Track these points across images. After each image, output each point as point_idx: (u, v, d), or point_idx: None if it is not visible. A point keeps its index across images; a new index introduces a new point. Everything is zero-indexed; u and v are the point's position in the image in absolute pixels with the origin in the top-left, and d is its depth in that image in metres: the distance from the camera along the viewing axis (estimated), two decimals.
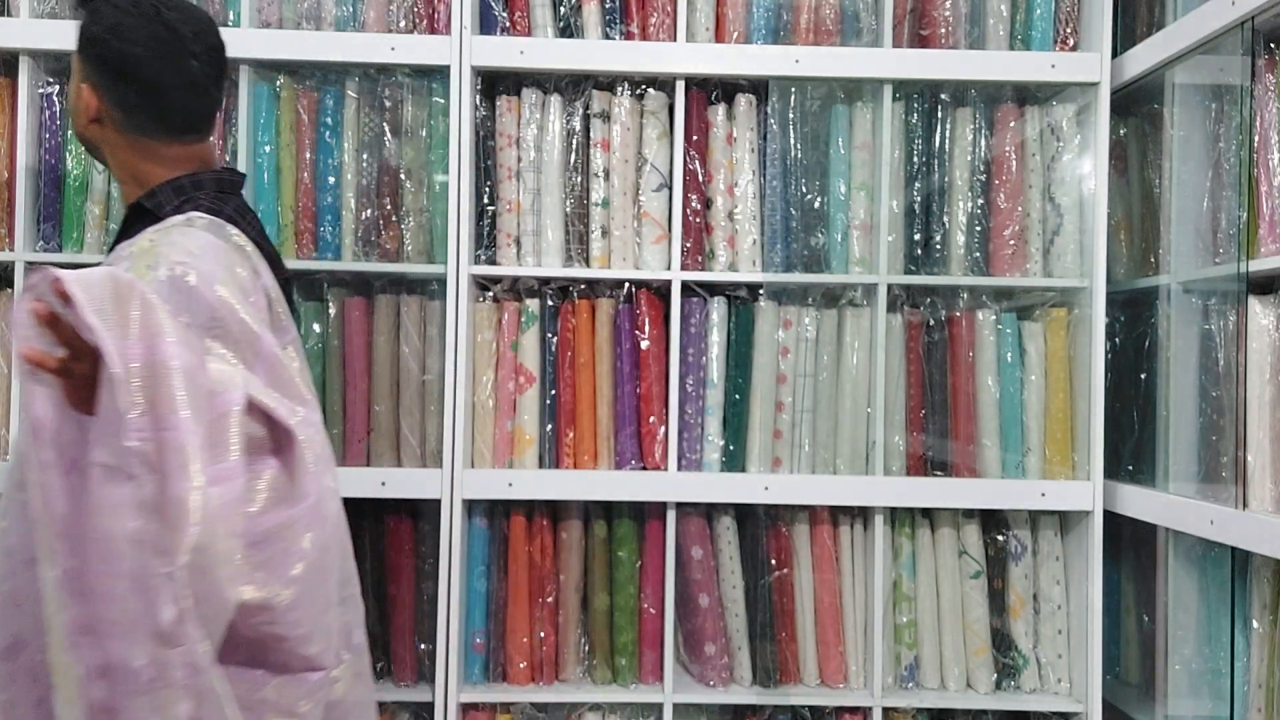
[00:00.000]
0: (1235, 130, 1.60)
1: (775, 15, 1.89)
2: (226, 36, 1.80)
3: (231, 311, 0.98)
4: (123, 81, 1.16)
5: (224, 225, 1.09)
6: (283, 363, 1.01)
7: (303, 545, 0.94)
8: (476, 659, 1.86)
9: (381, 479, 1.79)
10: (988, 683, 1.87)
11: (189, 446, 0.82)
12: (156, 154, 1.20)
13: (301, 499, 0.95)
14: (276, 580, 0.91)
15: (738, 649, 1.89)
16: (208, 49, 1.22)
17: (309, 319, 1.83)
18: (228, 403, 0.88)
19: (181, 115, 1.20)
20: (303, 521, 0.95)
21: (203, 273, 0.99)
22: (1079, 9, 1.88)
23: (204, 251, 1.02)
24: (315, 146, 1.85)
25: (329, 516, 0.99)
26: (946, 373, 1.89)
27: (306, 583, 0.94)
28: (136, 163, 1.20)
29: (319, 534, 0.97)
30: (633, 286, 1.88)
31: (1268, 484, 1.51)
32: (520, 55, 1.81)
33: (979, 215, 1.89)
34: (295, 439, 0.95)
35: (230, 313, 0.97)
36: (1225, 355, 1.61)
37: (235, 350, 0.97)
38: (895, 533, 1.90)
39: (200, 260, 1.00)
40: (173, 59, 1.18)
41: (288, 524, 0.93)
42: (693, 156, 1.87)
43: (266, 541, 0.91)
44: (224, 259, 1.03)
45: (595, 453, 1.86)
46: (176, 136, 1.21)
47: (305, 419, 0.99)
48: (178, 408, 0.82)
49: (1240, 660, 1.54)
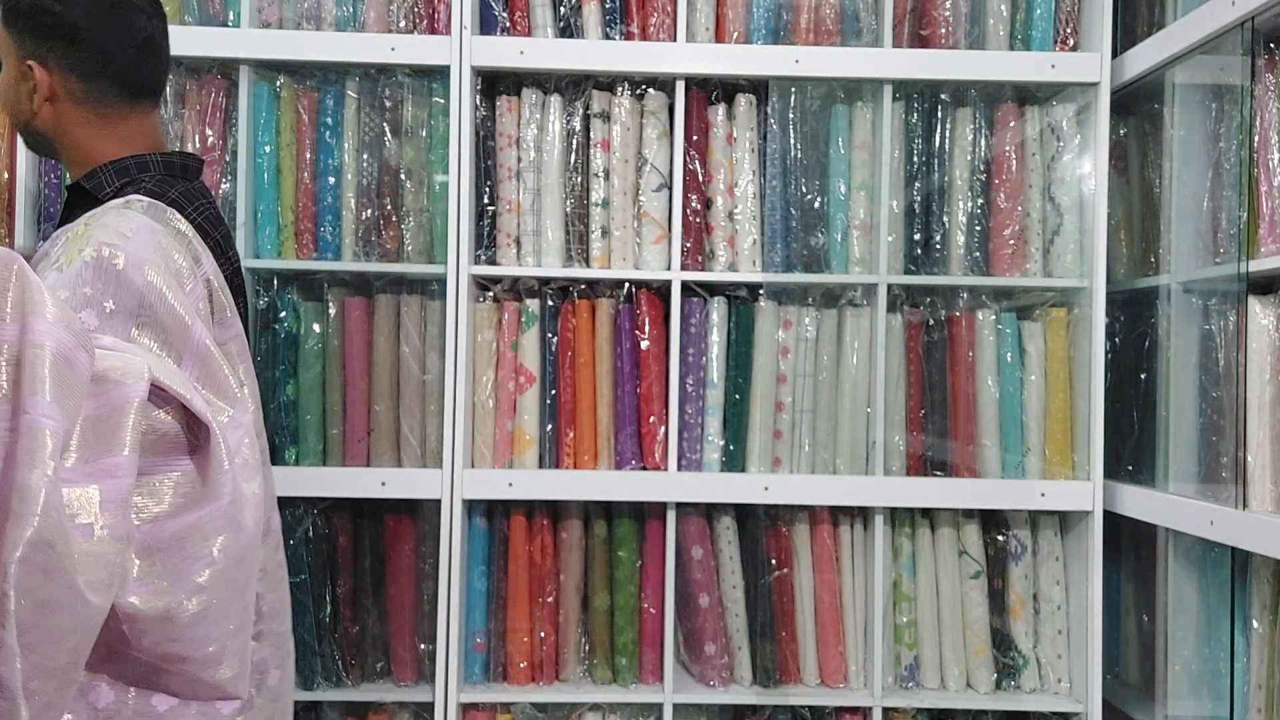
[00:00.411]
0: (1235, 130, 1.60)
1: (775, 15, 1.89)
2: (226, 36, 1.81)
3: (161, 298, 0.90)
4: (75, 48, 1.10)
5: (164, 209, 1.02)
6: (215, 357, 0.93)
7: (210, 550, 0.83)
8: (476, 659, 1.86)
9: (381, 479, 1.79)
10: (988, 683, 1.87)
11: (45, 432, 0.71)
12: (114, 126, 1.14)
13: (211, 499, 0.84)
14: (179, 589, 0.81)
15: (738, 649, 1.89)
16: (151, 3, 1.17)
17: (309, 319, 1.84)
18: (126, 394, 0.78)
19: (137, 76, 1.15)
20: (211, 524, 0.84)
21: (133, 256, 0.91)
22: (1079, 9, 1.88)
23: (137, 234, 0.94)
24: (315, 146, 1.85)
25: (246, 526, 0.87)
26: (946, 373, 1.89)
27: (214, 594, 0.83)
28: (91, 139, 1.13)
29: (231, 541, 0.85)
30: (633, 286, 1.88)
31: (1268, 484, 1.50)
32: (520, 55, 1.81)
33: (979, 215, 1.89)
34: (212, 435, 0.84)
35: (160, 300, 0.90)
36: (1225, 355, 1.61)
37: (163, 340, 0.90)
38: (895, 533, 1.90)
39: (132, 243, 0.93)
40: (122, 19, 1.13)
41: (194, 527, 0.83)
42: (693, 156, 1.87)
43: (170, 548, 0.81)
44: (160, 243, 0.96)
45: (595, 453, 1.86)
46: (134, 102, 1.16)
47: (234, 420, 0.91)
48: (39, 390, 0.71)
49: (1240, 660, 1.54)
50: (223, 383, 0.93)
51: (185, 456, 0.84)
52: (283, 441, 1.81)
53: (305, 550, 1.81)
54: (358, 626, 1.85)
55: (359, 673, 1.85)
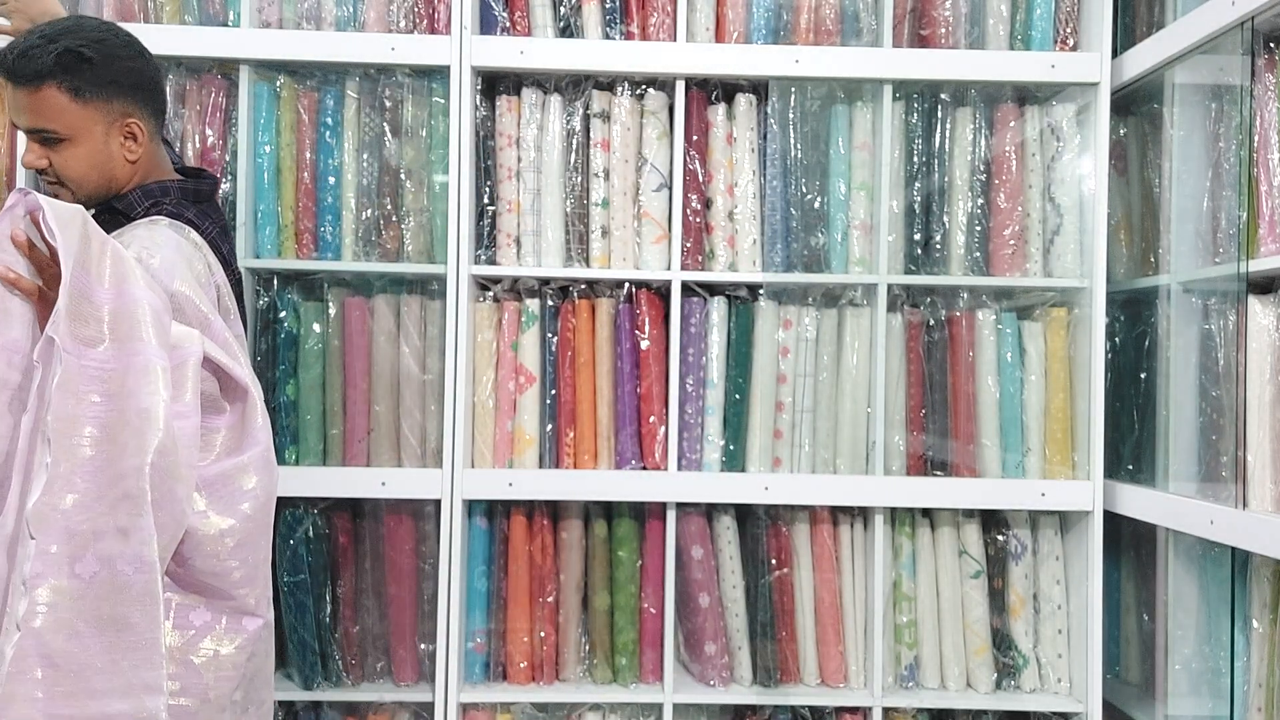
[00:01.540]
0: (1235, 130, 1.60)
1: (775, 15, 1.89)
2: (226, 36, 1.82)
3: (188, 297, 1.08)
4: (154, 95, 1.25)
5: (184, 227, 1.19)
6: (233, 346, 1.12)
7: (249, 485, 1.05)
8: (477, 659, 1.86)
9: (381, 479, 1.79)
10: (988, 682, 1.87)
11: (157, 368, 0.93)
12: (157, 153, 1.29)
13: (251, 446, 1.06)
14: (229, 516, 1.01)
15: (738, 649, 1.89)
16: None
17: (309, 319, 1.84)
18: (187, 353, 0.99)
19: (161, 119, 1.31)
20: (253, 465, 1.05)
21: (164, 261, 1.09)
22: (1079, 9, 1.88)
23: (165, 244, 1.13)
24: (315, 146, 1.85)
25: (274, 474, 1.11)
26: (946, 373, 1.89)
27: (254, 522, 1.04)
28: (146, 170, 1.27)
29: (265, 481, 1.07)
30: (633, 286, 1.88)
31: (1268, 484, 1.51)
32: (520, 55, 1.81)
33: (979, 215, 1.89)
34: (249, 392, 1.07)
35: (186, 298, 1.08)
36: (1225, 355, 1.61)
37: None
38: (895, 532, 1.90)
39: (161, 250, 1.11)
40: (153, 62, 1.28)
41: (240, 467, 1.04)
42: (693, 156, 1.87)
43: (217, 484, 1.01)
44: (183, 252, 1.14)
45: (595, 453, 1.86)
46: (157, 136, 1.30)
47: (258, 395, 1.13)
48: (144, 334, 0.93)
49: (1240, 660, 1.54)
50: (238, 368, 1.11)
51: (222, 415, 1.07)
52: (283, 441, 1.81)
53: (305, 550, 1.81)
54: (358, 626, 1.85)
55: (359, 673, 1.85)
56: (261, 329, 1.83)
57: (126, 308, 0.94)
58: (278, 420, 1.81)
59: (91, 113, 1.18)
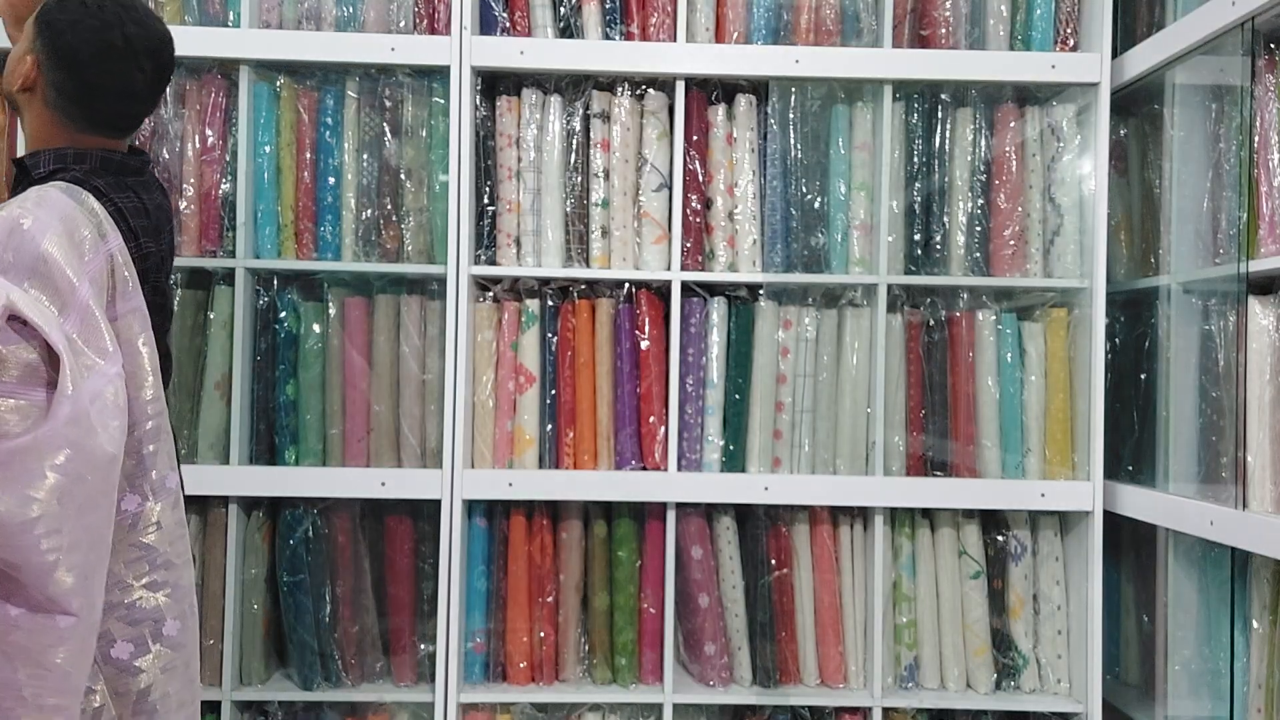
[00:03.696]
0: (1235, 130, 1.60)
1: (775, 15, 1.89)
2: (226, 36, 1.82)
3: (55, 260, 1.02)
4: (64, 71, 1.22)
5: (80, 191, 1.14)
6: (95, 316, 1.04)
7: (46, 465, 0.93)
8: (476, 659, 1.86)
9: (381, 479, 1.79)
10: (988, 683, 1.87)
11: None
12: (69, 136, 1.26)
13: (50, 420, 0.94)
14: (10, 497, 0.90)
15: (738, 649, 1.89)
16: (156, 67, 1.28)
17: (309, 319, 1.84)
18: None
19: (107, 117, 1.27)
20: (48, 443, 0.93)
21: (39, 222, 1.04)
22: (1079, 9, 1.88)
23: (48, 206, 1.08)
24: (315, 146, 1.85)
25: (94, 452, 0.97)
26: (946, 373, 1.89)
27: (49, 506, 0.92)
28: (48, 135, 1.26)
29: (74, 460, 0.95)
30: (633, 286, 1.88)
31: (1268, 484, 1.51)
32: (520, 55, 1.81)
33: (979, 215, 1.89)
34: (61, 359, 0.95)
35: (54, 261, 1.02)
36: (1225, 355, 1.61)
37: (52, 294, 1.01)
38: (895, 533, 1.90)
39: (40, 211, 1.06)
40: (119, 68, 1.24)
41: (30, 446, 0.92)
42: (693, 156, 1.87)
43: (9, 462, 0.91)
44: (66, 213, 1.08)
45: (595, 453, 1.86)
46: (96, 132, 1.27)
47: (101, 370, 1.01)
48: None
49: (1240, 660, 1.54)
50: (98, 339, 1.03)
51: (41, 388, 0.96)
52: (283, 441, 1.81)
53: (305, 550, 1.81)
54: (358, 626, 1.85)
55: (359, 673, 1.85)
56: (261, 329, 1.83)
57: None
58: (278, 420, 1.81)
59: (31, 27, 1.25)
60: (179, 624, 1.10)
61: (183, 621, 1.10)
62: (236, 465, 1.79)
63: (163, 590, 1.08)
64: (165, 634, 1.08)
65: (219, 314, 1.82)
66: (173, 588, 1.10)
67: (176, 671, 1.09)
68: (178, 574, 1.11)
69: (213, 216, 1.84)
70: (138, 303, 1.15)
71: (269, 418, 1.82)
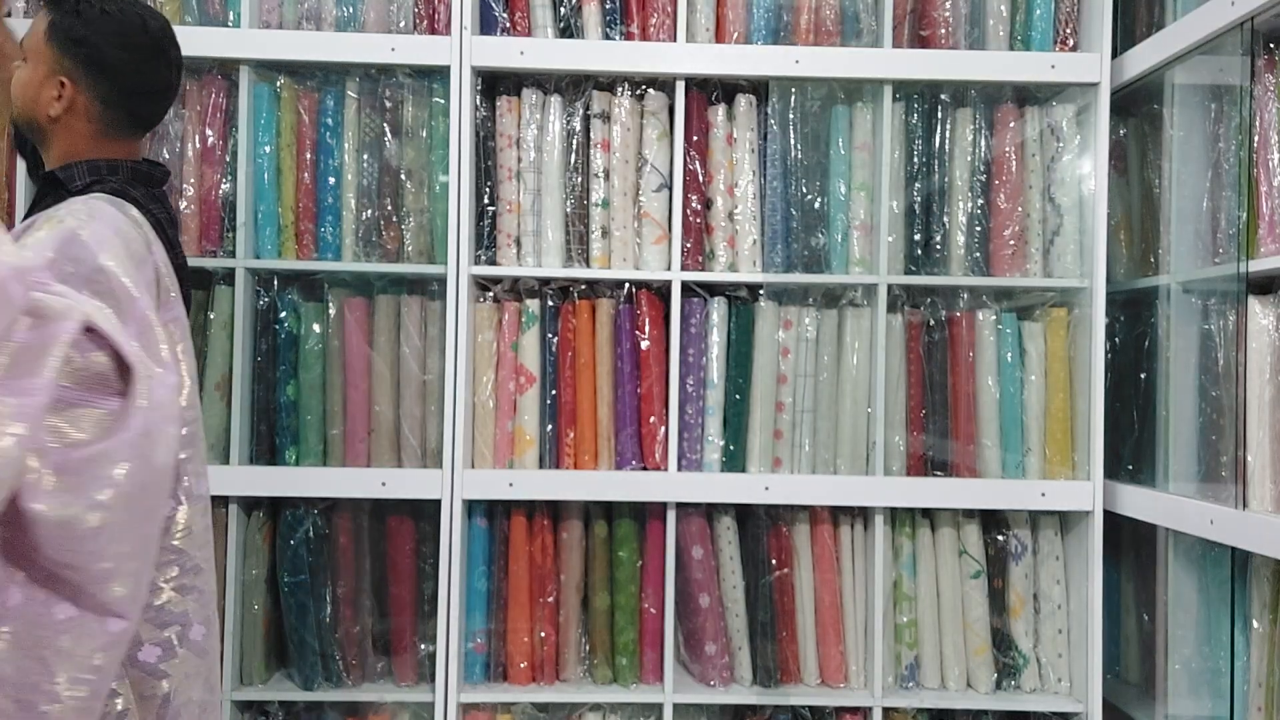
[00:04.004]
0: (1235, 130, 1.60)
1: (775, 15, 1.89)
2: (226, 36, 1.82)
3: (113, 271, 1.03)
4: (108, 81, 1.23)
5: (124, 204, 1.16)
6: (153, 326, 1.05)
7: (114, 473, 0.93)
8: (477, 659, 1.86)
9: (382, 479, 1.79)
10: (988, 682, 1.87)
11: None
12: (107, 144, 1.26)
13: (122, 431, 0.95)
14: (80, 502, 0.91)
15: (738, 649, 1.89)
16: (177, 55, 1.30)
17: (309, 319, 1.84)
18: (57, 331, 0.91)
19: (148, 117, 1.29)
20: (119, 451, 0.94)
21: (95, 233, 1.06)
22: (1079, 9, 1.88)
23: (101, 218, 1.09)
24: (315, 147, 1.85)
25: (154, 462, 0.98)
26: (946, 373, 1.89)
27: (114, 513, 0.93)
28: (83, 147, 1.25)
29: (138, 470, 0.95)
30: (633, 287, 1.88)
31: (1268, 484, 1.51)
32: (520, 55, 1.81)
33: (979, 215, 1.89)
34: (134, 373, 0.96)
35: (112, 272, 1.03)
36: (1225, 355, 1.62)
37: (113, 305, 1.02)
38: (895, 533, 1.90)
39: (95, 223, 1.07)
40: (151, 65, 1.26)
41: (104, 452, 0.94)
42: (693, 157, 1.87)
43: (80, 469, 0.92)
44: (119, 227, 1.10)
45: (595, 453, 1.86)
46: (134, 132, 1.29)
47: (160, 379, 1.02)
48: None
49: (1240, 660, 1.55)
50: (155, 348, 1.05)
51: (113, 397, 0.97)
52: (283, 441, 1.81)
53: (305, 550, 1.81)
54: (358, 626, 1.85)
55: (359, 673, 1.85)
56: (261, 329, 1.83)
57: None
58: (278, 420, 1.81)
59: (49, 52, 1.23)
60: (204, 629, 1.10)
61: (208, 627, 1.11)
62: (237, 465, 1.79)
63: (191, 595, 1.09)
64: (191, 639, 1.08)
65: (219, 314, 1.82)
66: (199, 593, 1.10)
67: (200, 678, 1.10)
68: (205, 579, 1.12)
69: (213, 217, 1.84)
70: (178, 312, 1.19)
71: (269, 418, 1.82)
